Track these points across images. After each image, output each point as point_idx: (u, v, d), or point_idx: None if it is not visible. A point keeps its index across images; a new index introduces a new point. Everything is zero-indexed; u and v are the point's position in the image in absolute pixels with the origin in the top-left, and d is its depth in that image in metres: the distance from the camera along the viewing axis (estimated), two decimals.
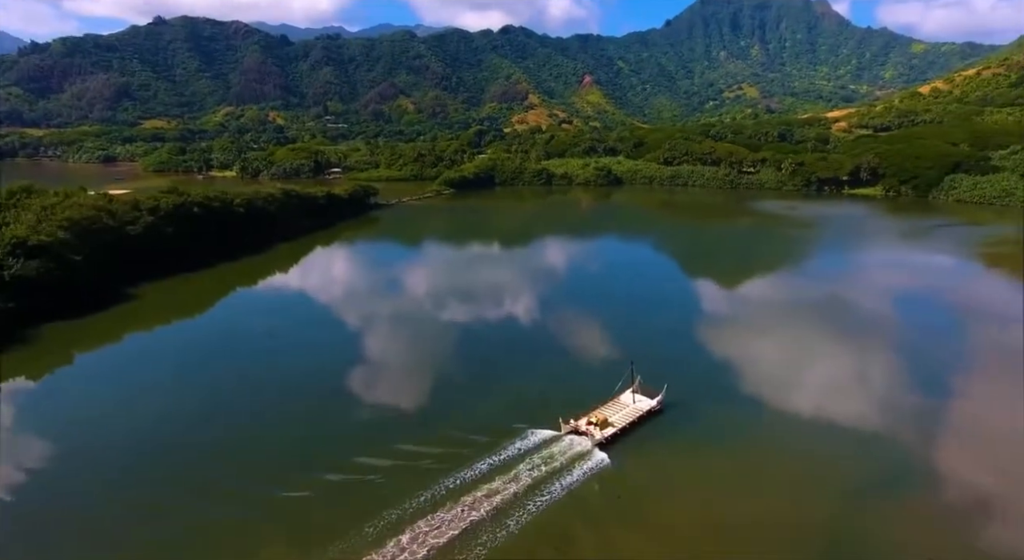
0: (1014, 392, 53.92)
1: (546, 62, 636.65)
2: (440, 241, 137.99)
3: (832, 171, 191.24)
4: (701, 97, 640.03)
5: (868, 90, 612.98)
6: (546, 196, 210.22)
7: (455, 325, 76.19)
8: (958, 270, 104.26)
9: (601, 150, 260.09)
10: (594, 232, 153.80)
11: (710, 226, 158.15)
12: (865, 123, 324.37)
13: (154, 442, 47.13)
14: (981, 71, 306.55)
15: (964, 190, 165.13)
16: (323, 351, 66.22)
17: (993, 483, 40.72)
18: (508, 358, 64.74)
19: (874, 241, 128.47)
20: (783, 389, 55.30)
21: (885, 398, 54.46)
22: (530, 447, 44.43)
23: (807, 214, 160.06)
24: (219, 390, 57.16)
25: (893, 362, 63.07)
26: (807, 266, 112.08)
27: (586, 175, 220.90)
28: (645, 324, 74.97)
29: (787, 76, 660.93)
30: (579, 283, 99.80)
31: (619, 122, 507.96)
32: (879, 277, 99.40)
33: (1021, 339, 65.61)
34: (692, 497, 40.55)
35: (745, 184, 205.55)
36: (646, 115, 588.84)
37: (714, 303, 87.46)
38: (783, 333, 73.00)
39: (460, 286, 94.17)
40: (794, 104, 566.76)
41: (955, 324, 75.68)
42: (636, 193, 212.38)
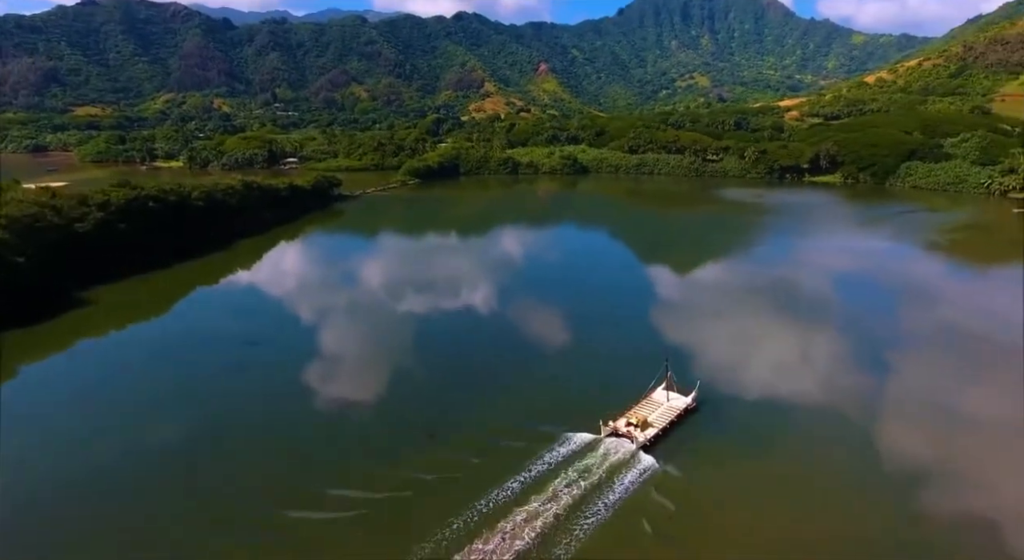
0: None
1: (501, 50, 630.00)
2: (411, 234, 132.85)
3: (793, 159, 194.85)
4: (654, 85, 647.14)
5: (813, 80, 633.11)
6: (512, 185, 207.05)
7: (433, 321, 73.17)
8: (911, 255, 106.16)
9: (564, 139, 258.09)
10: (564, 222, 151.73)
11: (677, 214, 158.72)
12: (816, 112, 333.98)
13: (116, 471, 41.74)
14: (922, 62, 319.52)
15: (919, 177, 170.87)
16: (302, 356, 61.31)
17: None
18: (503, 358, 61.64)
19: (836, 228, 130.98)
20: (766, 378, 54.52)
21: (826, 377, 56.09)
22: (570, 453, 41.26)
23: (774, 202, 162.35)
24: (188, 403, 51.75)
25: (837, 341, 65.19)
26: (773, 252, 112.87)
27: (552, 164, 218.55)
28: (626, 320, 72.62)
29: (736, 66, 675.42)
30: (554, 274, 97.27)
31: (576, 110, 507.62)
32: (836, 261, 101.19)
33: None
34: (750, 503, 37.89)
35: (710, 172, 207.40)
36: (601, 103, 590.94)
37: (681, 291, 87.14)
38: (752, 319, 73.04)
39: (433, 281, 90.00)
40: (744, 93, 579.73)
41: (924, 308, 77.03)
42: (602, 182, 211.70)
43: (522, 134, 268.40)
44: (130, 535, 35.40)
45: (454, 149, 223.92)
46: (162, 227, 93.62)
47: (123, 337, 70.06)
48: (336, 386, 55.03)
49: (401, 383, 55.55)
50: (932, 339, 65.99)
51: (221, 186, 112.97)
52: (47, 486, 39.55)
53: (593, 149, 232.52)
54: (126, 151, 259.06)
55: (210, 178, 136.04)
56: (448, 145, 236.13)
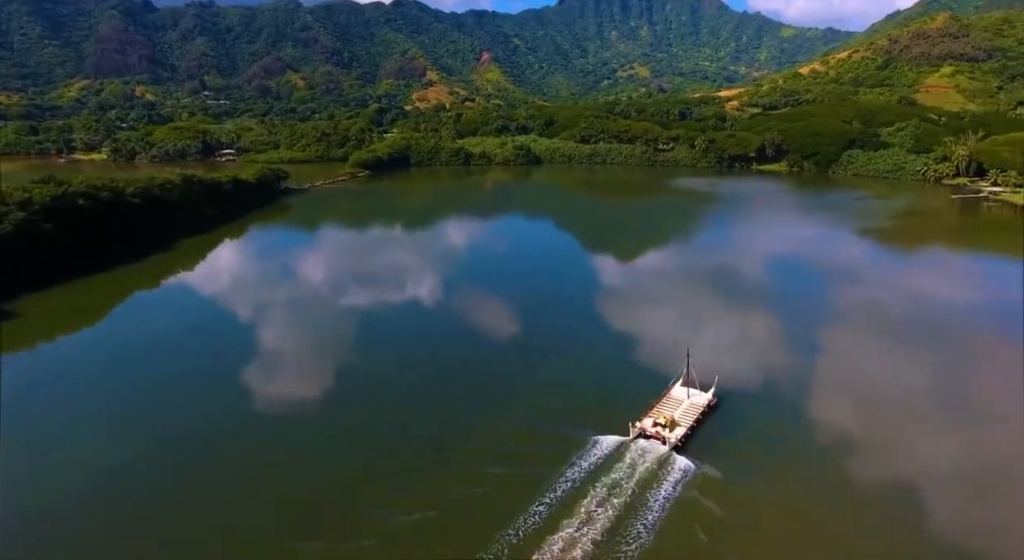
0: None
1: (442, 38, 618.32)
2: (365, 228, 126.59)
3: (741, 148, 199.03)
4: (596, 76, 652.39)
5: (746, 71, 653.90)
6: (465, 177, 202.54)
7: (389, 319, 69.60)
8: (854, 241, 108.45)
9: (513, 128, 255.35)
10: (521, 213, 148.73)
11: (634, 203, 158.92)
12: (755, 102, 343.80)
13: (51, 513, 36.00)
14: (851, 54, 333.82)
15: (860, 165, 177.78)
16: (262, 365, 56.01)
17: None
18: (488, 354, 58.55)
19: (786, 217, 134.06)
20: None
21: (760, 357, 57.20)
22: (603, 457, 39.16)
23: (725, 191, 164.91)
24: (136, 424, 45.84)
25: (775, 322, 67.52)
26: (727, 238, 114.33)
27: (505, 154, 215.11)
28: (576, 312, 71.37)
29: (674, 57, 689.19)
30: (512, 266, 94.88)
31: (520, 100, 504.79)
32: (783, 247, 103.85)
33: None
34: (796, 502, 36.59)
35: (661, 162, 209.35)
36: (545, 93, 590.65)
37: (630, 279, 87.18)
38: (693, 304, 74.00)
39: (392, 276, 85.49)
40: (683, 84, 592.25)
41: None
42: (556, 172, 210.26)
43: (470, 124, 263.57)
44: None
45: (403, 140, 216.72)
46: (94, 227, 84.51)
47: (52, 351, 62.25)
48: (309, 398, 50.07)
49: (377, 389, 51.30)
50: (860, 318, 68.41)
51: (158, 181, 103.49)
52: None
53: (545, 139, 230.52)
54: (39, 142, 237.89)
55: (144, 172, 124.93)
56: (396, 136, 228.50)
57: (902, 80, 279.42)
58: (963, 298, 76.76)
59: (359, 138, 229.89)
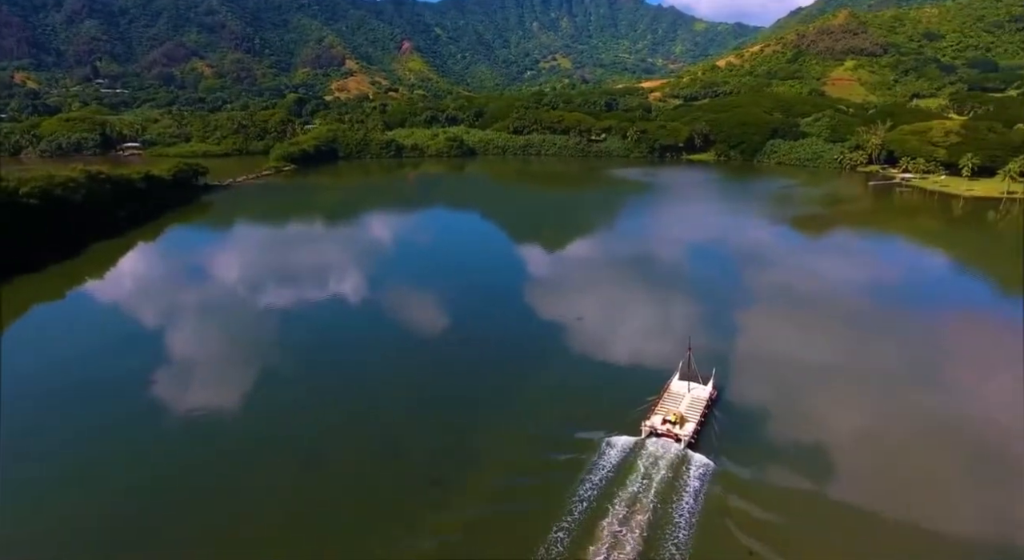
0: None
1: (360, 26, 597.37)
2: (295, 226, 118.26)
3: (672, 138, 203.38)
4: (519, 66, 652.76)
5: (663, 63, 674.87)
6: (397, 169, 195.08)
7: (329, 323, 64.78)
8: (777, 230, 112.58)
9: (443, 120, 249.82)
10: (457, 206, 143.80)
11: (570, 194, 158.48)
12: (676, 93, 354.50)
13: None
14: (763, 48, 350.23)
15: (783, 154, 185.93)
16: (201, 384, 49.92)
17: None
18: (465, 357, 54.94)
19: (716, 204, 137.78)
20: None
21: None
22: (620, 460, 37.91)
23: (659, 181, 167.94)
24: (51, 464, 39.31)
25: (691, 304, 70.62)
26: (661, 227, 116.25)
27: (437, 146, 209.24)
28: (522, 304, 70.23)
29: (594, 48, 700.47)
30: (452, 260, 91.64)
31: (445, 90, 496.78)
32: (712, 234, 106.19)
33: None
34: (826, 497, 36.01)
35: (595, 152, 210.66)
36: (469, 83, 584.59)
37: (565, 269, 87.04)
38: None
39: (335, 278, 79.88)
40: (604, 75, 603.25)
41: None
42: (490, 163, 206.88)
43: (398, 115, 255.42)
44: None
45: (329, 132, 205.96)
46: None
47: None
48: (265, 425, 44.49)
49: (351, 411, 46.63)
50: (772, 298, 71.94)
51: (59, 179, 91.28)
52: None
53: (478, 130, 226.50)
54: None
55: (37, 169, 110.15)
56: (321, 127, 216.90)
57: (811, 73, 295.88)
58: (876, 277, 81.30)
59: (280, 130, 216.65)
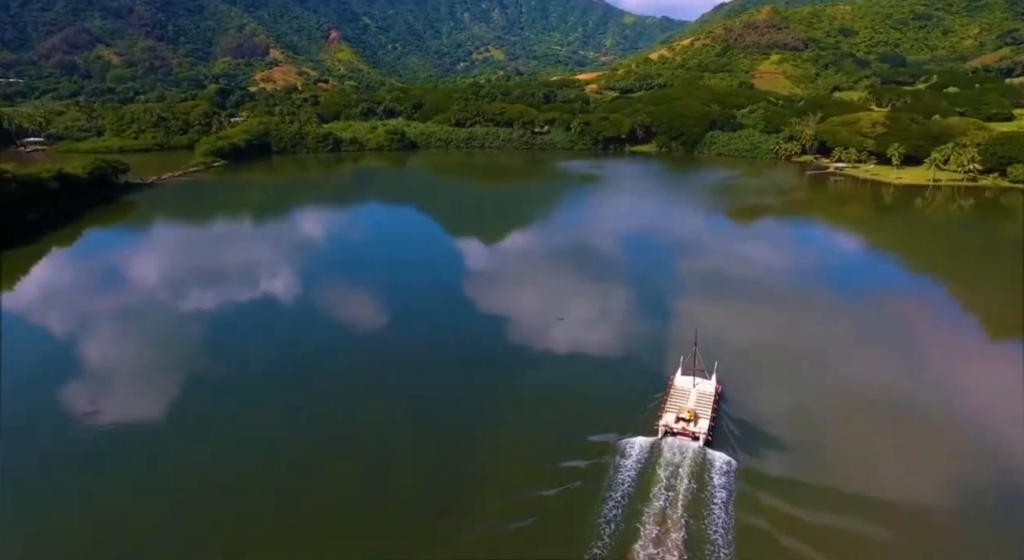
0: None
1: (284, 13, 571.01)
2: (234, 226, 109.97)
3: (615, 130, 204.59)
4: (452, 58, 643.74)
5: (595, 56, 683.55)
6: (335, 164, 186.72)
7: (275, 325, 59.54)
8: (718, 222, 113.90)
9: (380, 112, 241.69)
10: (391, 200, 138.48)
11: (516, 187, 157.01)
12: (612, 85, 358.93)
13: None
14: (694, 42, 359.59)
15: (722, 145, 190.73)
16: (142, 412, 44.30)
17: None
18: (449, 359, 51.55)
19: (662, 195, 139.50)
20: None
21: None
22: (641, 463, 36.95)
23: (606, 172, 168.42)
24: None
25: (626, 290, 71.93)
26: (610, 218, 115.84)
27: (377, 139, 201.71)
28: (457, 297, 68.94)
29: (527, 40, 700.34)
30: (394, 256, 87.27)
31: (377, 81, 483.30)
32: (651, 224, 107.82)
33: None
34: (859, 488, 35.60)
35: (539, 144, 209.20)
36: (401, 75, 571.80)
37: (509, 262, 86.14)
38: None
39: (269, 281, 74.35)
40: (538, 67, 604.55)
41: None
42: (433, 157, 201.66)
43: (331, 107, 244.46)
44: None
45: (260, 125, 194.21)
46: None
47: None
48: (221, 456, 39.35)
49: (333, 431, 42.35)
50: (702, 284, 74.03)
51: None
52: None
53: (419, 123, 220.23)
54: None
55: None
56: (251, 120, 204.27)
57: (740, 66, 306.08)
58: (810, 262, 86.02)
59: (204, 123, 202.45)
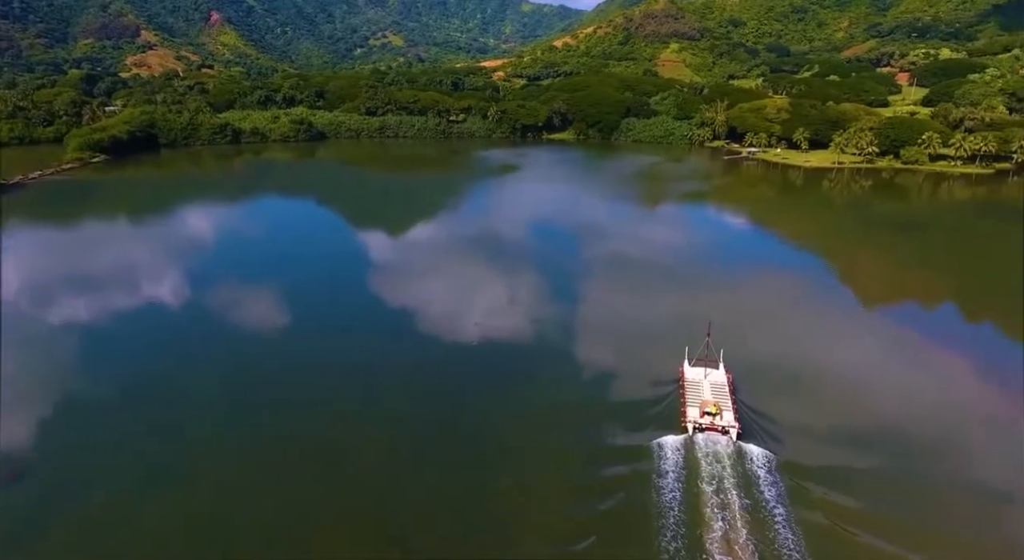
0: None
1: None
2: (119, 228, 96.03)
3: (532, 118, 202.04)
4: (348, 43, 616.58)
5: (495, 43, 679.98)
6: (234, 158, 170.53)
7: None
8: (628, 210, 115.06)
9: (279, 100, 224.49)
10: (291, 193, 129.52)
11: (420, 176, 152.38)
12: (519, 73, 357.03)
13: None
14: (596, 30, 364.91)
15: (638, 131, 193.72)
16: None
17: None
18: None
19: (584, 182, 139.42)
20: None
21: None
22: (681, 461, 35.77)
23: (527, 161, 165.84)
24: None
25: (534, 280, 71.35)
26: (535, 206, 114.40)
27: (282, 130, 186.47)
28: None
29: (426, 27, 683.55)
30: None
31: (268, 68, 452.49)
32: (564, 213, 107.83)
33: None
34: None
35: (456, 133, 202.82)
36: (294, 61, 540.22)
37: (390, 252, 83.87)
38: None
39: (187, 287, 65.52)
40: (439, 54, 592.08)
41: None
42: (343, 148, 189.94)
43: (223, 95, 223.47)
44: None
45: (144, 115, 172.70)
46: None
47: None
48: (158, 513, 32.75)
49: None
50: (605, 265, 75.42)
51: None
52: None
53: (326, 112, 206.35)
54: None
55: None
56: (133, 110, 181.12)
57: (643, 54, 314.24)
58: (720, 242, 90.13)
59: (73, 113, 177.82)
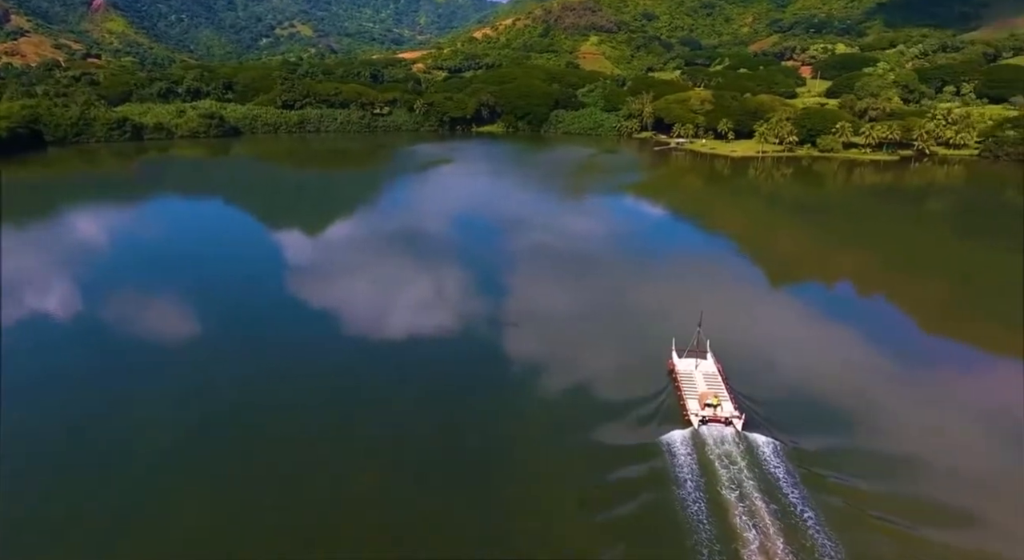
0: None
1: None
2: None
3: (460, 111, 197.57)
4: (252, 33, 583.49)
5: (411, 34, 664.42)
6: (136, 155, 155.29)
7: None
8: (555, 205, 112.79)
9: (183, 93, 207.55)
10: (195, 193, 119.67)
11: (342, 172, 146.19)
12: (439, 65, 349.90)
13: None
14: (516, 22, 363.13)
15: (567, 124, 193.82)
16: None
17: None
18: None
19: (522, 175, 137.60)
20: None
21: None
22: (692, 456, 35.02)
23: (458, 155, 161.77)
24: None
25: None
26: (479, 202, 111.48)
27: (189, 125, 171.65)
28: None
29: (336, 16, 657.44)
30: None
31: (165, 58, 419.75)
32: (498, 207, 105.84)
33: None
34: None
35: (382, 127, 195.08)
36: (193, 50, 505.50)
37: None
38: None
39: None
40: (352, 44, 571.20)
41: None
42: (260, 143, 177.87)
43: (117, 87, 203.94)
44: None
45: (25, 109, 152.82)
46: None
47: None
48: None
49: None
50: (532, 257, 74.94)
51: None
52: None
53: (237, 105, 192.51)
54: None
55: None
56: (12, 104, 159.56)
57: (563, 47, 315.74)
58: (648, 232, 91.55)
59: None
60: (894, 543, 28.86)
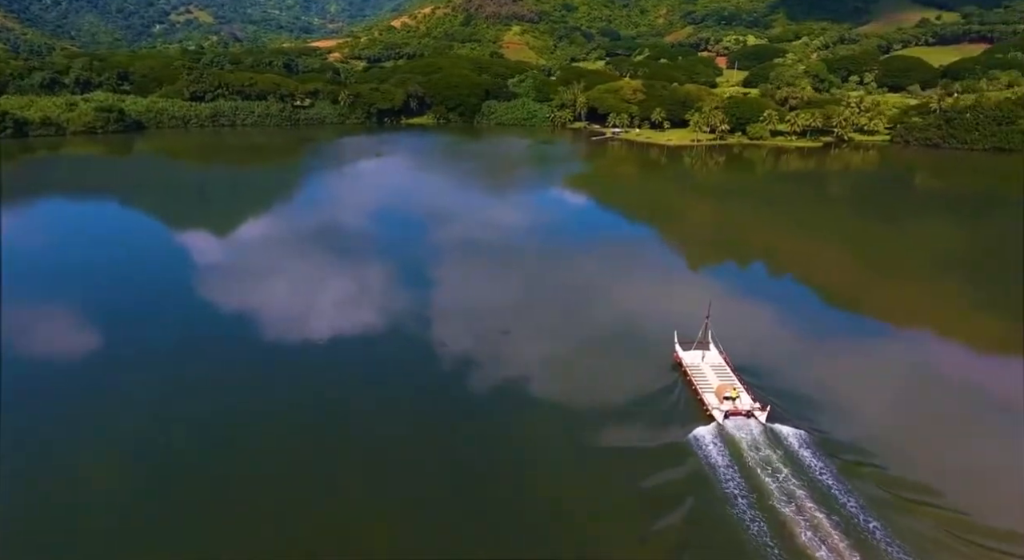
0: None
1: None
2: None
3: (388, 102, 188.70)
4: (143, 19, 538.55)
5: (320, 23, 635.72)
6: (19, 155, 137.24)
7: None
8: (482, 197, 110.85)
9: (70, 84, 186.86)
10: (92, 194, 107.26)
11: (260, 168, 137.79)
12: (357, 54, 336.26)
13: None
14: (435, 11, 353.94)
15: (500, 114, 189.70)
16: None
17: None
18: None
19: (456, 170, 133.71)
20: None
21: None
22: (724, 453, 33.66)
23: (388, 148, 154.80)
24: None
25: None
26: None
27: (84, 120, 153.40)
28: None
29: (238, 2, 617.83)
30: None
31: (42, 45, 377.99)
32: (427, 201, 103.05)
33: None
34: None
35: (305, 120, 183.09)
36: (75, 38, 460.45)
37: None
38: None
39: None
40: (257, 33, 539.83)
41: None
42: (168, 139, 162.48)
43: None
44: None
45: None
46: None
47: None
48: None
49: None
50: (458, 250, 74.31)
51: None
52: None
53: (138, 97, 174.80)
54: None
55: None
56: None
57: (486, 36, 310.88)
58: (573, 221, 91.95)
59: None
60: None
